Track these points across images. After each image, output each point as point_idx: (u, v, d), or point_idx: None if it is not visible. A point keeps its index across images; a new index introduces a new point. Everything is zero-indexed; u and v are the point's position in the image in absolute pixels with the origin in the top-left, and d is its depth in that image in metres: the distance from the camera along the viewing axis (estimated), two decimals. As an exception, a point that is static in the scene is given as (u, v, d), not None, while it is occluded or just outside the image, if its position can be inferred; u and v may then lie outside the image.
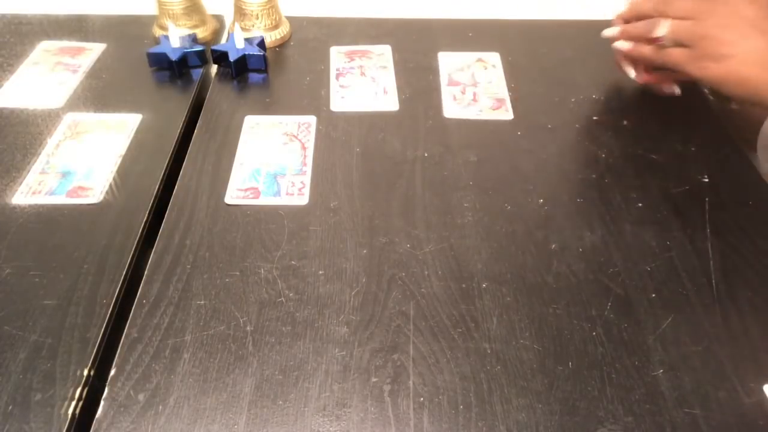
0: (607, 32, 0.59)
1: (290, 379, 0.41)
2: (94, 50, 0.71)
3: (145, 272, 0.47)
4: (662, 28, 0.50)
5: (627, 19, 0.58)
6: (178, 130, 0.61)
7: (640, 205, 0.54)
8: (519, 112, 0.64)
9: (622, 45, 0.56)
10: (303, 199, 0.54)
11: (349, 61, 0.71)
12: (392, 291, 0.47)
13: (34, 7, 0.77)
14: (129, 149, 0.58)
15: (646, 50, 0.54)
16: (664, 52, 0.51)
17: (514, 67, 0.71)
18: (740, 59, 0.48)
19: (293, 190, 0.55)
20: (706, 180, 0.57)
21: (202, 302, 0.46)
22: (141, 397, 0.40)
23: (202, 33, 0.74)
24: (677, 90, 0.62)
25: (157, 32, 0.73)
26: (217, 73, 0.69)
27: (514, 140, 0.61)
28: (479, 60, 0.72)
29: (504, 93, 0.67)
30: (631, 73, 0.59)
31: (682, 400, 0.41)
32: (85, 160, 0.57)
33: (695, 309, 0.46)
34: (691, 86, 0.69)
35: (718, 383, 0.42)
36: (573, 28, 0.78)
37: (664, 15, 0.52)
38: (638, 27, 0.55)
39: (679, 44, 0.51)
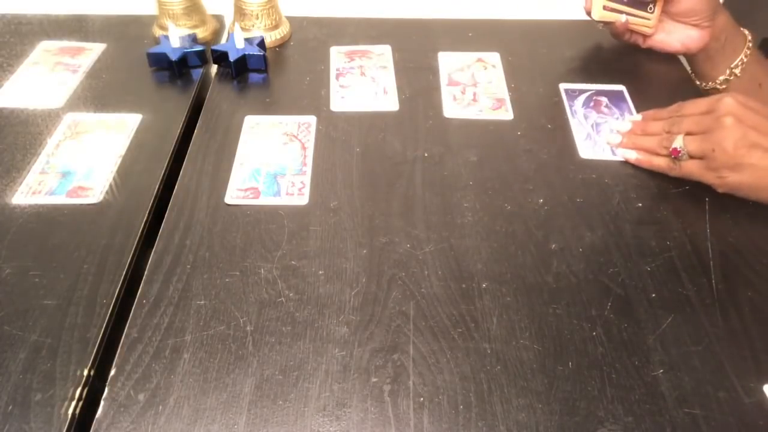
0: (611, 140, 0.60)
1: (290, 379, 0.41)
2: (94, 50, 0.71)
3: (145, 272, 0.47)
4: (677, 142, 0.54)
5: (632, 133, 0.60)
6: (178, 130, 0.61)
7: (640, 205, 0.54)
8: (519, 112, 0.64)
9: (630, 155, 0.58)
10: (303, 199, 0.54)
11: (349, 61, 0.71)
12: (392, 291, 0.47)
13: (34, 7, 0.77)
14: (129, 149, 0.58)
15: (663, 163, 0.56)
16: (679, 165, 0.55)
17: (514, 67, 0.71)
18: (755, 167, 0.51)
19: (293, 190, 0.55)
20: (706, 180, 0.57)
21: (202, 302, 0.46)
22: (141, 397, 0.40)
23: (202, 33, 0.74)
24: None
25: (157, 32, 0.73)
26: (217, 73, 0.69)
27: (514, 140, 0.61)
28: (479, 60, 0.72)
29: (504, 93, 0.67)
30: (632, 155, 0.59)
31: (682, 400, 0.41)
32: (85, 160, 0.57)
33: (695, 309, 0.46)
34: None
35: (718, 383, 0.42)
36: (573, 28, 0.78)
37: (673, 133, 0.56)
38: (649, 142, 0.58)
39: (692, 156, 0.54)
